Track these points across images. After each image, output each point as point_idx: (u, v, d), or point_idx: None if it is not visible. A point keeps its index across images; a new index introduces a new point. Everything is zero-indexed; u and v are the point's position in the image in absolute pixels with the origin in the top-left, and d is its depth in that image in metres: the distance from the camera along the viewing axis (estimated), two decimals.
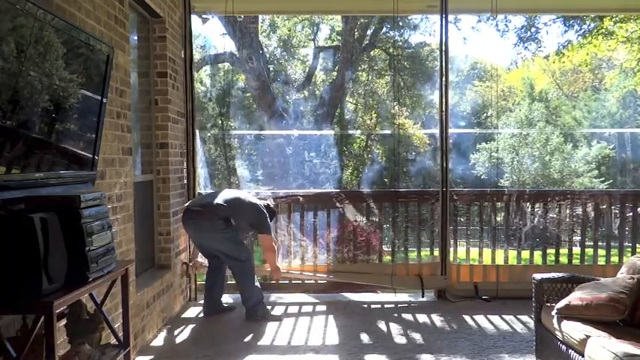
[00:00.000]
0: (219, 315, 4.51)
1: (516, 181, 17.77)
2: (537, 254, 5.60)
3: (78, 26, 2.44)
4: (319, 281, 5.24)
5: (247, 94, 16.20)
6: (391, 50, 15.53)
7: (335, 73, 15.32)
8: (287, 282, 5.15)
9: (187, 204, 4.50)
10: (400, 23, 14.17)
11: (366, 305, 4.86)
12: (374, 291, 5.29)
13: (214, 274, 4.55)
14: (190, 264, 4.83)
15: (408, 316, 4.53)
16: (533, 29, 13.23)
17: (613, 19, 11.05)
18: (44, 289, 1.93)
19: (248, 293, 4.38)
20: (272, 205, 4.70)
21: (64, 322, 2.37)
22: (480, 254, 5.30)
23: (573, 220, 5.43)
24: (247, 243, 4.84)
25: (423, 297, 4.96)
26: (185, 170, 4.87)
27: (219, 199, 4.35)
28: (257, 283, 4.46)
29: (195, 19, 5.53)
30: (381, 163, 16.44)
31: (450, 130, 5.17)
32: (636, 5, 5.56)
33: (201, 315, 4.55)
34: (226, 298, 4.79)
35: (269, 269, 4.76)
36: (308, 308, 4.75)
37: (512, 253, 5.48)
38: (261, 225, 4.47)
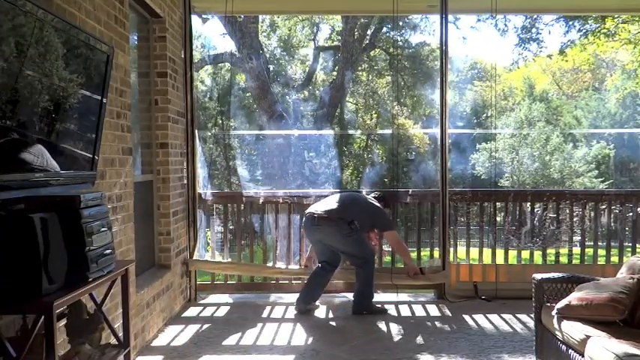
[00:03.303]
0: (308, 311, 4.56)
1: (516, 181, 17.78)
2: (537, 254, 5.60)
3: (78, 26, 2.44)
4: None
5: (247, 94, 16.20)
6: (391, 50, 15.55)
7: (335, 73, 15.33)
8: (287, 282, 5.14)
9: (309, 210, 4.58)
10: (400, 23, 14.18)
11: None
12: (374, 291, 5.28)
13: (321, 276, 4.59)
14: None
15: (408, 317, 4.53)
16: (534, 30, 13.24)
17: (615, 20, 11.06)
18: (44, 289, 1.93)
19: (363, 288, 4.51)
20: (385, 195, 4.87)
21: (64, 322, 2.37)
22: (480, 254, 5.30)
23: (573, 220, 5.43)
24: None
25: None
26: (185, 170, 4.87)
27: (338, 202, 4.54)
28: (373, 281, 4.57)
29: (195, 19, 5.55)
30: (381, 163, 16.46)
31: (450, 130, 5.17)
32: (637, 5, 5.56)
33: (294, 310, 4.57)
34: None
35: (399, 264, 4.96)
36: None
37: (512, 253, 5.48)
38: (383, 223, 4.64)
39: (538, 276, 3.25)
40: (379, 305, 4.63)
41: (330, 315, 4.55)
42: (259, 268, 5.28)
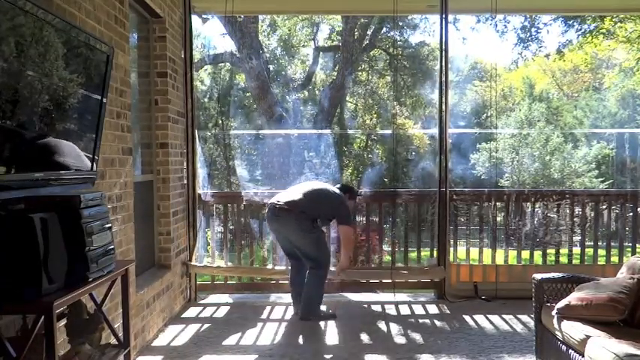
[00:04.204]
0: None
1: (516, 181, 17.77)
2: (537, 254, 5.60)
3: (78, 26, 2.44)
4: None
5: (247, 94, 16.20)
6: (391, 50, 15.52)
7: (335, 73, 15.32)
8: (287, 282, 5.14)
9: (272, 200, 4.44)
10: (400, 23, 14.16)
11: (366, 305, 4.86)
12: (374, 291, 5.29)
13: (299, 274, 4.51)
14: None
15: (408, 316, 4.53)
16: (533, 29, 13.24)
17: (613, 19, 11.07)
18: (44, 289, 1.93)
19: (312, 294, 4.37)
20: (352, 187, 4.72)
21: (64, 322, 2.37)
22: (480, 254, 5.30)
23: (573, 220, 5.43)
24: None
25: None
26: (185, 170, 4.87)
27: (302, 194, 4.35)
28: (324, 287, 4.45)
29: (195, 19, 5.54)
30: (381, 163, 16.45)
31: (450, 130, 5.16)
32: (636, 5, 5.56)
33: (295, 315, 4.49)
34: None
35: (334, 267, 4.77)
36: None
37: (512, 253, 5.48)
38: (342, 216, 4.46)
39: (538, 276, 3.25)
40: (330, 311, 4.47)
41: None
42: (259, 271, 5.28)
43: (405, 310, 4.71)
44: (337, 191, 4.52)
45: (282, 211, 4.28)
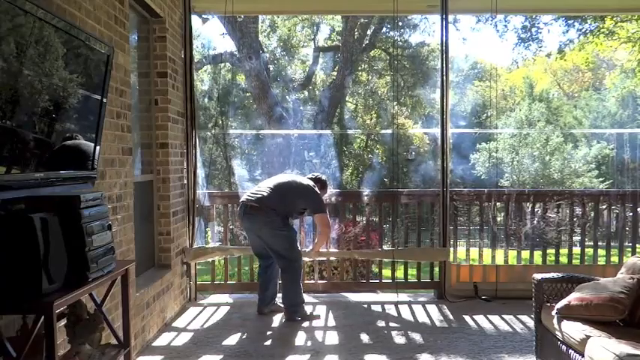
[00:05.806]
0: (271, 314, 4.50)
1: (516, 181, 17.79)
2: (537, 254, 5.60)
3: (78, 26, 2.44)
4: (319, 281, 5.27)
5: (247, 94, 16.20)
6: (391, 50, 15.53)
7: (335, 73, 15.32)
8: None
9: (243, 198, 4.45)
10: (400, 23, 14.16)
11: (366, 305, 4.86)
12: (374, 291, 5.29)
13: (267, 272, 4.52)
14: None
15: (408, 316, 4.53)
16: (534, 29, 13.24)
17: (614, 19, 11.07)
18: (44, 289, 1.93)
19: (290, 294, 4.38)
20: (323, 178, 4.73)
21: (64, 322, 2.37)
22: (480, 254, 5.30)
23: (573, 220, 5.43)
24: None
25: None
26: (185, 170, 4.87)
27: (271, 189, 4.36)
28: (301, 285, 4.46)
29: (195, 19, 5.54)
30: (381, 163, 16.46)
31: (450, 130, 5.16)
32: (636, 5, 5.56)
33: (256, 313, 4.52)
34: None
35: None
36: (308, 308, 4.74)
37: (512, 253, 5.48)
38: (315, 206, 4.48)
39: (538, 276, 3.25)
40: (314, 313, 4.51)
41: (330, 315, 4.55)
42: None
43: (405, 310, 4.71)
44: (308, 182, 4.53)
45: (253, 209, 4.29)
